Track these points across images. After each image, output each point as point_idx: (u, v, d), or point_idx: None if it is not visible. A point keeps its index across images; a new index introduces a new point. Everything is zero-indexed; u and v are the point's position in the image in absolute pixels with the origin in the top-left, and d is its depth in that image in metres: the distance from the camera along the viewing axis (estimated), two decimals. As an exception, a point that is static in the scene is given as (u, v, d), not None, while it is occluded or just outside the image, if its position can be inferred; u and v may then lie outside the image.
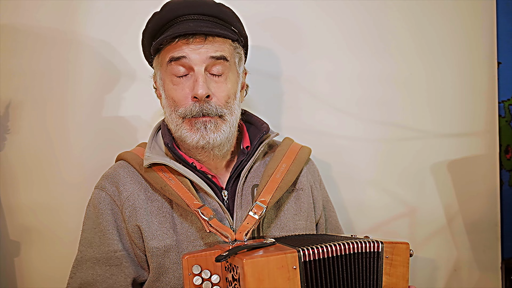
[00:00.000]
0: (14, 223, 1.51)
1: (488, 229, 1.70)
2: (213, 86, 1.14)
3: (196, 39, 1.12)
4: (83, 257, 1.16)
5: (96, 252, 1.15)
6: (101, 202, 1.17)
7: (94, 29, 1.53)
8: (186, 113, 1.13)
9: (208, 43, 1.13)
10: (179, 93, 1.14)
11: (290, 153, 1.29)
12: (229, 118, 1.16)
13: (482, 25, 1.69)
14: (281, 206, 1.23)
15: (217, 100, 1.14)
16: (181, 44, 1.13)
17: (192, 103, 1.13)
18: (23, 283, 1.51)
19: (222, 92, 1.15)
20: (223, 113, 1.15)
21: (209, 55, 1.13)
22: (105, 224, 1.15)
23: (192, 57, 1.12)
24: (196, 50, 1.12)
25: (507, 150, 1.76)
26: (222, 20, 1.18)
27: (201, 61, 1.13)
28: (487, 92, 1.70)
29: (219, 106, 1.14)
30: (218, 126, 1.14)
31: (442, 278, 1.69)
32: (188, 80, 1.14)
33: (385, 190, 1.66)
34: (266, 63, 1.61)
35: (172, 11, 1.16)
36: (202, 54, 1.13)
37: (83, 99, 1.53)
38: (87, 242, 1.17)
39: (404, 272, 1.06)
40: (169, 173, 1.16)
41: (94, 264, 1.14)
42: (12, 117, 1.51)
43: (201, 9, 1.16)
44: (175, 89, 1.15)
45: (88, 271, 1.14)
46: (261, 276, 0.92)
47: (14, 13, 1.50)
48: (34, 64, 1.52)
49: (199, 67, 1.12)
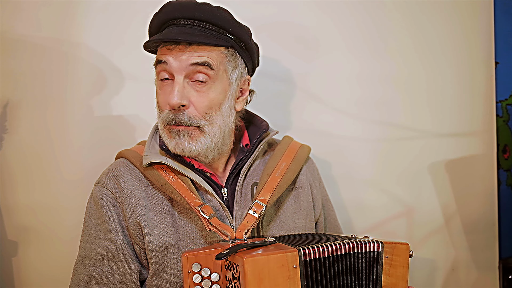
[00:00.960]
0: (12, 223, 1.50)
1: (486, 229, 1.71)
2: (193, 94, 1.11)
3: (178, 46, 1.10)
4: (86, 253, 1.15)
5: (101, 248, 1.14)
6: (103, 198, 1.16)
7: (92, 29, 1.53)
8: (164, 120, 1.13)
9: (191, 50, 1.10)
10: (161, 98, 1.14)
11: (290, 152, 1.28)
12: (208, 130, 1.13)
13: (480, 25, 1.70)
14: (281, 204, 1.23)
15: (194, 110, 1.11)
16: (165, 49, 1.12)
17: (167, 111, 1.12)
18: (21, 283, 1.51)
19: (202, 102, 1.11)
20: (199, 124, 1.12)
21: (189, 62, 1.10)
22: (109, 220, 1.14)
23: (173, 64, 1.10)
24: (178, 57, 1.10)
25: (504, 150, 1.77)
26: (215, 25, 1.14)
27: (181, 68, 1.10)
28: (485, 92, 1.71)
29: (194, 117, 1.11)
30: (194, 136, 1.12)
31: (440, 277, 1.69)
32: (169, 86, 1.12)
33: (383, 189, 1.66)
34: (266, 63, 1.60)
35: (166, 14, 1.15)
36: (182, 62, 1.10)
37: (81, 99, 1.53)
38: (91, 239, 1.15)
39: (403, 272, 1.06)
40: (169, 171, 1.16)
41: (99, 260, 1.13)
42: (10, 117, 1.50)
43: (192, 14, 1.13)
44: (159, 93, 1.15)
45: (93, 267, 1.13)
46: (261, 275, 0.92)
47: (13, 14, 1.50)
48: (32, 64, 1.51)
49: (178, 75, 1.10)
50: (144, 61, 1.51)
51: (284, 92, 1.63)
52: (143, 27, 1.52)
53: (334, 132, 1.64)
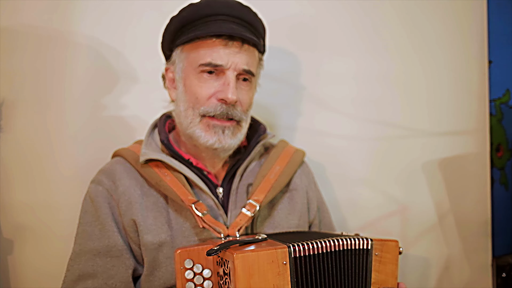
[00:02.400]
0: (8, 221, 1.51)
1: (479, 227, 1.72)
2: (240, 92, 1.17)
3: (234, 43, 1.14)
4: (81, 249, 1.16)
5: (96, 244, 1.15)
6: (99, 195, 1.17)
7: (90, 29, 1.54)
8: (209, 112, 1.14)
9: (244, 51, 1.15)
10: (204, 91, 1.14)
11: (284, 156, 1.31)
12: (244, 125, 1.20)
13: (473, 24, 1.71)
14: (275, 205, 1.25)
15: (241, 106, 1.17)
16: (218, 44, 1.13)
17: (218, 104, 1.14)
18: (17, 281, 1.51)
19: (246, 99, 1.19)
20: (241, 119, 1.18)
21: (242, 67, 1.15)
22: (104, 217, 1.15)
23: (227, 63, 1.13)
24: (232, 56, 1.14)
25: (498, 149, 1.78)
26: (256, 29, 1.20)
27: (234, 68, 1.14)
28: (478, 90, 1.71)
29: (242, 113, 1.17)
30: (235, 132, 1.17)
31: (433, 275, 1.70)
32: (216, 81, 1.15)
33: (377, 188, 1.67)
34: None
35: (210, 7, 1.16)
36: (236, 63, 1.14)
37: (78, 98, 1.54)
38: (86, 235, 1.17)
39: (393, 269, 1.07)
40: (164, 168, 1.17)
41: (94, 256, 1.14)
42: (6, 116, 1.51)
43: (240, 13, 1.17)
44: (201, 86, 1.15)
45: (88, 263, 1.14)
46: (251, 271, 0.93)
47: (9, 12, 1.50)
48: (27, 63, 1.52)
49: (231, 72, 1.14)
50: (143, 61, 1.54)
51: (279, 91, 1.64)
52: (143, 27, 1.54)
53: (328, 131, 1.65)
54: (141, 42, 1.55)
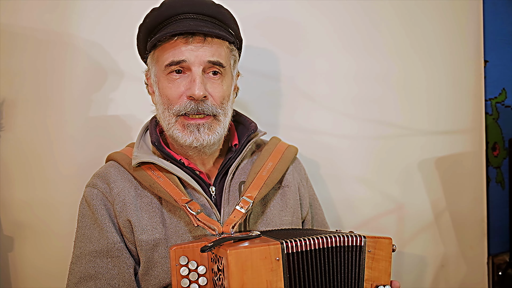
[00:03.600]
0: (8, 218, 1.52)
1: (474, 225, 1.73)
2: (209, 86, 1.16)
3: (195, 39, 1.14)
4: (82, 252, 1.17)
5: (95, 245, 1.16)
6: (94, 198, 1.19)
7: (87, 29, 1.55)
8: (180, 110, 1.14)
9: (207, 45, 1.15)
10: (174, 91, 1.15)
11: (276, 152, 1.31)
12: (222, 119, 1.18)
13: (469, 24, 1.72)
14: (268, 202, 1.26)
15: (212, 100, 1.16)
16: (179, 42, 1.14)
17: (187, 101, 1.14)
18: (17, 277, 1.53)
19: (217, 92, 1.17)
20: (217, 113, 1.16)
21: (206, 59, 1.14)
22: (102, 219, 1.17)
23: (191, 59, 1.14)
24: (195, 51, 1.14)
25: (494, 148, 1.79)
26: (221, 21, 1.20)
27: (199, 63, 1.14)
28: (474, 90, 1.72)
29: (213, 106, 1.15)
30: (212, 127, 1.16)
31: (429, 273, 1.71)
32: (184, 80, 1.15)
33: (374, 187, 1.68)
34: (258, 62, 1.62)
35: (171, 8, 1.17)
36: (199, 57, 1.14)
37: (77, 97, 1.55)
38: (85, 238, 1.18)
39: (386, 266, 1.08)
40: (157, 171, 1.18)
41: (95, 257, 1.15)
42: (6, 115, 1.52)
43: (200, 9, 1.17)
44: (170, 87, 1.16)
45: (89, 264, 1.15)
46: (244, 267, 0.94)
47: (8, 13, 1.51)
48: (28, 63, 1.53)
49: (197, 68, 1.14)
50: (138, 61, 1.53)
51: (278, 91, 1.65)
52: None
53: (324, 130, 1.66)
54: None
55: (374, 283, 1.06)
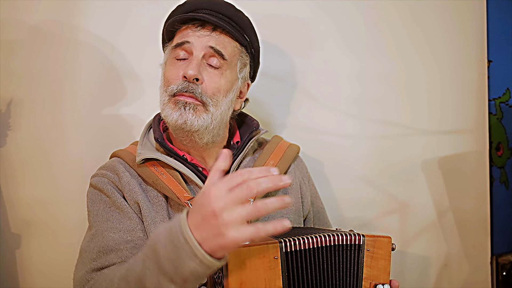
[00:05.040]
0: (15, 216, 1.55)
1: (478, 225, 1.72)
2: (206, 74, 1.17)
3: (204, 28, 1.18)
4: (98, 230, 1.13)
5: (116, 224, 1.13)
6: (106, 185, 1.18)
7: (92, 28, 1.57)
8: (173, 90, 1.16)
9: (214, 35, 1.19)
10: (173, 72, 1.18)
11: (278, 151, 1.33)
12: (211, 109, 1.17)
13: (473, 24, 1.71)
14: None
15: (205, 87, 1.16)
16: (189, 30, 1.19)
17: (180, 81, 1.16)
18: (23, 274, 1.56)
19: (212, 83, 1.17)
20: (206, 102, 1.16)
21: (209, 44, 1.17)
22: (119, 201, 1.16)
23: (194, 42, 1.17)
24: (201, 37, 1.18)
25: (498, 147, 1.78)
26: (237, 23, 1.23)
27: (201, 47, 1.17)
28: (478, 90, 1.72)
29: (204, 93, 1.16)
30: (197, 111, 1.15)
31: (432, 273, 1.71)
32: (185, 63, 1.18)
33: (377, 186, 1.68)
34: (263, 61, 1.63)
35: (192, 5, 1.22)
36: (203, 42, 1.17)
37: (81, 97, 1.57)
38: (102, 219, 1.14)
39: (385, 265, 1.08)
40: (160, 167, 1.20)
41: (115, 234, 1.12)
42: (13, 114, 1.55)
43: (219, 8, 1.21)
44: (171, 69, 1.19)
45: (108, 238, 1.10)
46: (242, 265, 0.95)
47: (14, 12, 1.54)
48: (34, 63, 1.56)
49: (198, 52, 1.17)
50: (144, 61, 1.56)
51: (280, 90, 1.66)
52: (146, 27, 1.57)
53: (327, 129, 1.67)
54: (147, 42, 1.58)
55: (373, 282, 1.07)
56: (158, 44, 1.35)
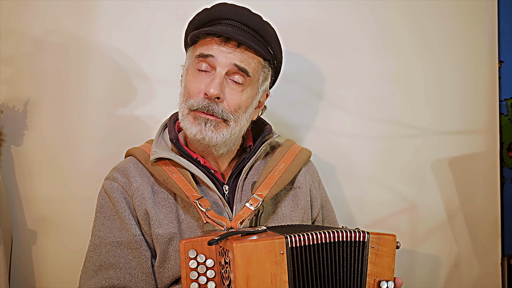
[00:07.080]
0: (31, 213, 1.59)
1: (488, 226, 1.71)
2: (228, 91, 1.18)
3: (228, 44, 1.18)
4: (101, 241, 1.21)
5: (116, 236, 1.20)
6: (115, 191, 1.22)
7: (108, 31, 1.61)
8: (193, 105, 1.17)
9: (238, 51, 1.18)
10: (195, 86, 1.19)
11: (290, 154, 1.34)
12: (232, 125, 1.19)
13: (483, 24, 1.70)
14: (279, 202, 1.29)
15: (226, 105, 1.18)
16: (213, 42, 1.18)
17: (202, 98, 1.17)
18: (39, 269, 1.60)
19: (234, 100, 1.18)
20: (228, 118, 1.18)
21: (233, 62, 1.17)
22: (122, 211, 1.20)
23: (218, 58, 1.17)
24: (225, 53, 1.17)
25: (509, 148, 1.77)
26: (262, 37, 1.23)
27: (225, 64, 1.17)
28: (488, 90, 1.71)
29: (226, 111, 1.18)
30: (218, 127, 1.18)
31: (442, 273, 1.70)
32: (208, 77, 1.18)
33: (386, 186, 1.69)
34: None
35: (219, 12, 1.21)
36: (228, 59, 1.17)
37: (97, 98, 1.61)
38: (105, 228, 1.21)
39: (389, 262, 1.10)
40: (172, 166, 1.22)
41: (116, 248, 1.19)
42: (30, 114, 1.59)
43: (245, 20, 1.21)
44: (193, 81, 1.20)
45: (109, 253, 1.19)
46: (249, 260, 0.97)
47: (31, 15, 1.59)
48: (51, 64, 1.60)
49: (221, 69, 1.17)
50: (161, 63, 1.58)
51: (287, 91, 1.67)
52: (163, 28, 1.60)
53: (336, 130, 1.68)
54: (158, 44, 1.62)
55: (377, 278, 1.08)
56: (168, 46, 1.36)
